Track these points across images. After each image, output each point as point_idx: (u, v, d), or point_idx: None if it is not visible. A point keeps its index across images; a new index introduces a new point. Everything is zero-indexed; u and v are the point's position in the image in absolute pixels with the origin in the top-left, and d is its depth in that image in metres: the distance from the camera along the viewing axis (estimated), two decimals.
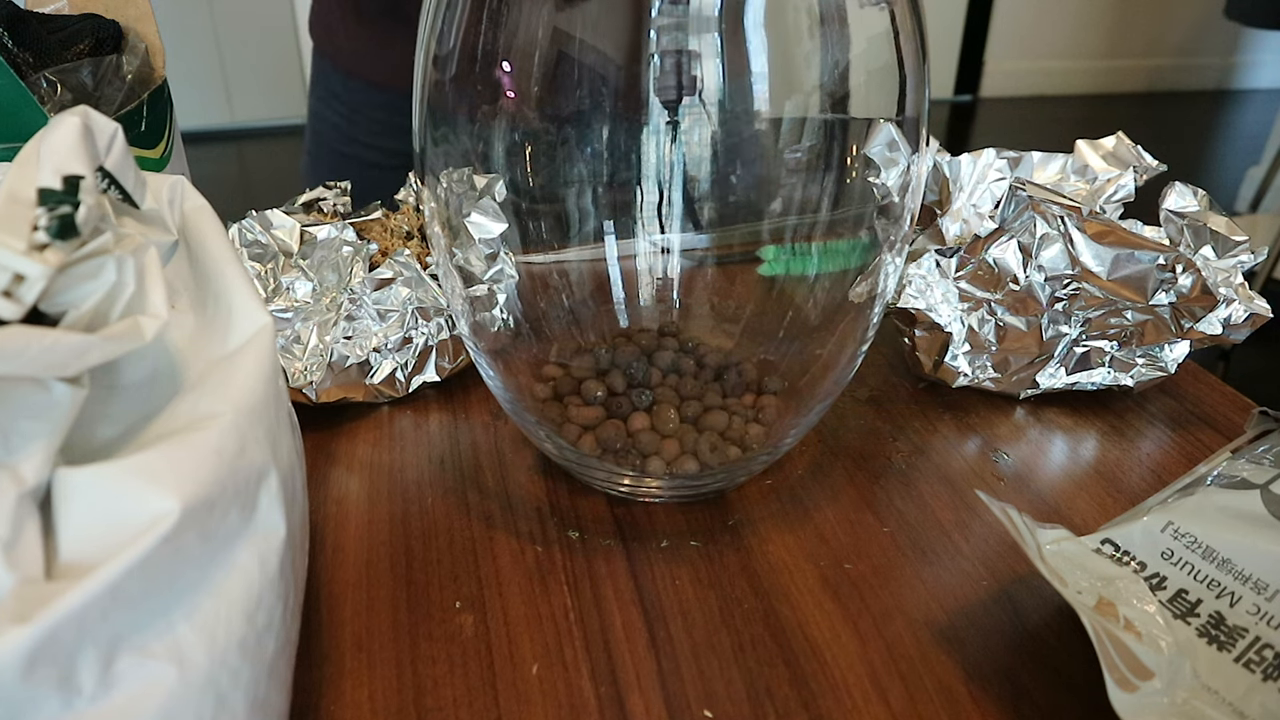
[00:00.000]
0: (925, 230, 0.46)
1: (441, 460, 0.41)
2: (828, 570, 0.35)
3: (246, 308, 0.27)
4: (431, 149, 0.35)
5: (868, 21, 0.33)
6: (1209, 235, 0.43)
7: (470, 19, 0.33)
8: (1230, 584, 0.31)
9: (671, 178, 0.38)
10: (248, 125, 2.91)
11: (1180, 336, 0.42)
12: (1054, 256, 0.41)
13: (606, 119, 0.36)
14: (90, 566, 0.20)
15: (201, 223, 0.30)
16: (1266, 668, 0.28)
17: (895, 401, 0.46)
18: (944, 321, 0.43)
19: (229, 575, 0.23)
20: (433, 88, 0.34)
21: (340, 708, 0.30)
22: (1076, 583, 0.30)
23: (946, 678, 0.31)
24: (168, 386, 0.26)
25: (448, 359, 0.45)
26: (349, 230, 0.44)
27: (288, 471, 0.26)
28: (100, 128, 0.26)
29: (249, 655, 0.23)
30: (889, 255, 0.36)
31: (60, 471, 0.21)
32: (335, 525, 0.38)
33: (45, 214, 0.21)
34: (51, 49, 0.42)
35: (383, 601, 0.34)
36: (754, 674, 0.31)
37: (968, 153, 0.47)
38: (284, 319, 0.42)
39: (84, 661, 0.20)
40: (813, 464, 0.41)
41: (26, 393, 0.20)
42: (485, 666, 0.31)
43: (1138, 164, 0.48)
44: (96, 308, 0.22)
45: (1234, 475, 0.34)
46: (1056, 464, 0.41)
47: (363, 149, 0.78)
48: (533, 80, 0.34)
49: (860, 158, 0.36)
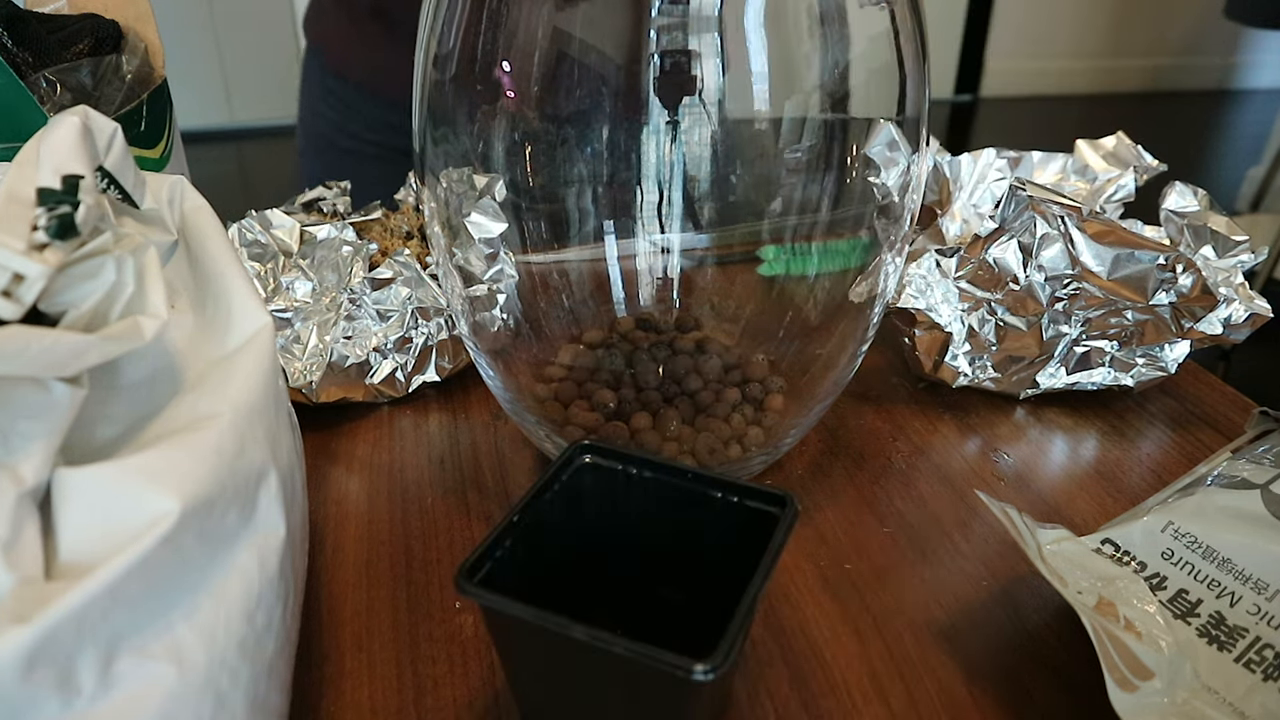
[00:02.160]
0: (925, 230, 0.46)
1: (441, 460, 0.41)
2: (828, 570, 0.35)
3: (246, 308, 0.27)
4: (431, 149, 0.35)
5: (868, 21, 0.33)
6: (1209, 235, 0.43)
7: (470, 19, 0.33)
8: (1230, 584, 0.31)
9: (671, 177, 0.38)
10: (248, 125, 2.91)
11: (1180, 336, 0.42)
12: (1054, 256, 0.41)
13: (606, 119, 0.36)
14: (90, 566, 0.20)
15: (201, 223, 0.30)
16: (1267, 668, 0.28)
17: (895, 401, 0.46)
18: (944, 321, 0.43)
19: (228, 575, 0.23)
20: (433, 88, 0.34)
21: (340, 708, 0.30)
22: (1076, 583, 0.30)
23: (946, 678, 0.31)
24: (167, 386, 0.26)
25: (448, 359, 0.45)
26: (349, 230, 0.44)
27: (287, 471, 0.26)
28: (100, 127, 0.26)
29: (248, 655, 0.23)
30: (889, 255, 0.36)
31: (60, 471, 0.21)
32: (335, 525, 0.38)
33: (45, 214, 0.21)
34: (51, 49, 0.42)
35: (383, 601, 0.34)
36: (754, 674, 0.31)
37: (968, 153, 0.47)
38: (284, 319, 0.42)
39: (84, 662, 0.20)
40: (813, 464, 0.41)
41: (26, 393, 0.20)
42: (485, 666, 0.31)
43: (1138, 164, 0.48)
44: (96, 308, 0.22)
45: (1234, 475, 0.34)
46: (1056, 464, 0.41)
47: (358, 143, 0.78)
48: (533, 80, 0.34)
49: (860, 158, 0.36)
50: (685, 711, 0.25)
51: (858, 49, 0.34)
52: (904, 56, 0.33)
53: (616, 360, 0.39)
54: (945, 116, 3.23)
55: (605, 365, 0.39)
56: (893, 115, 0.34)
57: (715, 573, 0.28)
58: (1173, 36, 3.32)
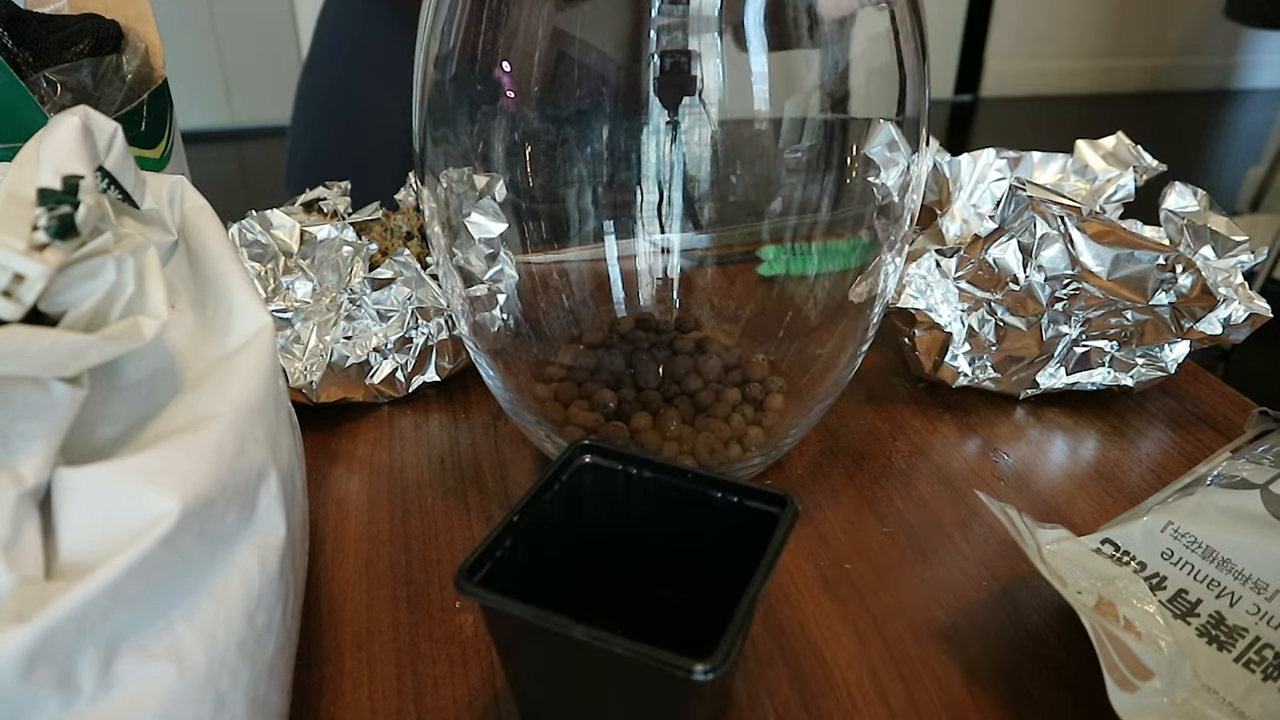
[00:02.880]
0: (925, 230, 0.46)
1: (441, 460, 0.41)
2: (828, 570, 0.35)
3: (246, 308, 0.27)
4: (431, 149, 0.35)
5: (868, 21, 0.33)
6: (1209, 235, 0.43)
7: (470, 19, 0.33)
8: (1230, 584, 0.31)
9: (671, 178, 0.38)
10: (248, 125, 2.91)
11: (1180, 336, 0.42)
12: (1054, 256, 0.41)
13: (606, 119, 0.36)
14: (90, 566, 0.20)
15: (201, 223, 0.30)
16: (1266, 668, 0.28)
17: (895, 401, 0.46)
18: (944, 321, 0.43)
19: (228, 575, 0.23)
20: (433, 88, 0.34)
21: (340, 708, 0.30)
22: (1076, 583, 0.30)
23: (946, 678, 0.31)
24: (167, 386, 0.26)
25: (448, 359, 0.45)
26: (349, 230, 0.44)
27: (287, 471, 0.26)
28: (100, 127, 0.26)
29: (248, 655, 0.23)
30: (889, 255, 0.36)
31: (60, 471, 0.21)
32: (335, 525, 0.38)
33: (45, 214, 0.21)
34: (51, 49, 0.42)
35: (383, 601, 0.34)
36: (754, 674, 0.31)
37: (968, 153, 0.47)
38: (284, 319, 0.42)
39: (84, 662, 0.20)
40: (813, 464, 0.41)
41: (26, 393, 0.20)
42: (485, 666, 0.31)
43: (1138, 164, 0.48)
44: (96, 308, 0.22)
45: (1234, 475, 0.34)
46: (1056, 464, 0.41)
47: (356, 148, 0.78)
48: (533, 80, 0.34)
49: (860, 158, 0.36)
50: (685, 711, 0.25)
51: (858, 49, 0.34)
52: (904, 56, 0.33)
53: (616, 360, 0.39)
54: (945, 116, 3.23)
55: (605, 365, 0.39)
56: (893, 115, 0.34)
57: (715, 573, 0.28)
58: (1172, 36, 3.32)
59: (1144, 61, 3.36)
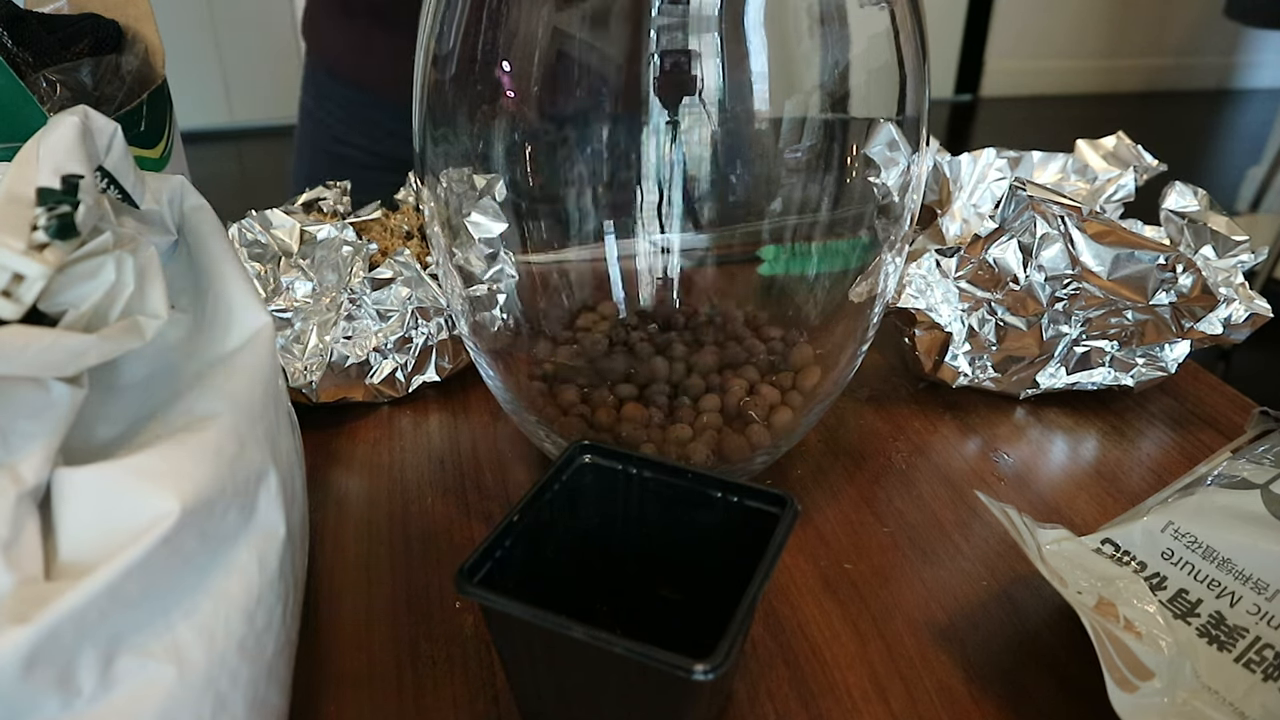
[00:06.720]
0: (925, 230, 0.46)
1: (441, 460, 0.41)
2: (828, 570, 0.35)
3: (246, 307, 0.27)
4: (431, 149, 0.35)
5: (868, 21, 0.33)
6: (1209, 235, 0.43)
7: (470, 19, 0.33)
8: (1230, 584, 0.31)
9: (671, 177, 0.38)
10: (247, 125, 2.91)
11: (1180, 336, 0.42)
12: (1054, 256, 0.41)
13: (606, 119, 0.36)
14: (90, 566, 0.20)
15: (201, 223, 0.30)
16: (1267, 668, 0.28)
17: (895, 401, 0.46)
18: (944, 321, 0.43)
19: (228, 575, 0.23)
20: (433, 88, 0.34)
21: (340, 708, 0.30)
22: (1076, 583, 0.30)
23: (946, 678, 0.31)
24: (167, 386, 0.26)
25: (448, 359, 0.45)
26: (349, 230, 0.44)
27: (287, 471, 0.26)
28: (99, 127, 0.26)
29: (248, 655, 0.23)
30: (889, 255, 0.36)
31: (60, 471, 0.21)
32: (335, 525, 0.38)
33: (44, 214, 0.21)
34: (51, 49, 0.42)
35: (383, 601, 0.34)
36: (754, 674, 0.31)
37: (968, 152, 0.47)
38: (284, 319, 0.42)
39: (83, 662, 0.20)
40: (813, 464, 0.41)
41: (26, 393, 0.20)
42: (485, 666, 0.31)
43: (1138, 164, 0.48)
44: (96, 308, 0.22)
45: (1234, 475, 0.34)
46: (1056, 464, 0.41)
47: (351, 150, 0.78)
48: (533, 80, 0.34)
49: (860, 158, 0.36)
50: (685, 711, 0.25)
51: (858, 49, 0.34)
52: (904, 56, 0.33)
53: (616, 360, 0.39)
54: (945, 116, 3.23)
55: (605, 365, 0.39)
56: (893, 115, 0.34)
57: (715, 573, 0.28)
58: (1172, 37, 3.32)
59: (1144, 61, 3.36)
